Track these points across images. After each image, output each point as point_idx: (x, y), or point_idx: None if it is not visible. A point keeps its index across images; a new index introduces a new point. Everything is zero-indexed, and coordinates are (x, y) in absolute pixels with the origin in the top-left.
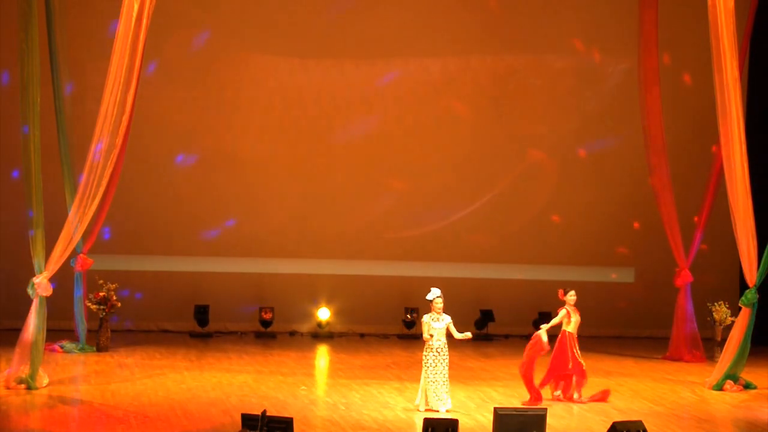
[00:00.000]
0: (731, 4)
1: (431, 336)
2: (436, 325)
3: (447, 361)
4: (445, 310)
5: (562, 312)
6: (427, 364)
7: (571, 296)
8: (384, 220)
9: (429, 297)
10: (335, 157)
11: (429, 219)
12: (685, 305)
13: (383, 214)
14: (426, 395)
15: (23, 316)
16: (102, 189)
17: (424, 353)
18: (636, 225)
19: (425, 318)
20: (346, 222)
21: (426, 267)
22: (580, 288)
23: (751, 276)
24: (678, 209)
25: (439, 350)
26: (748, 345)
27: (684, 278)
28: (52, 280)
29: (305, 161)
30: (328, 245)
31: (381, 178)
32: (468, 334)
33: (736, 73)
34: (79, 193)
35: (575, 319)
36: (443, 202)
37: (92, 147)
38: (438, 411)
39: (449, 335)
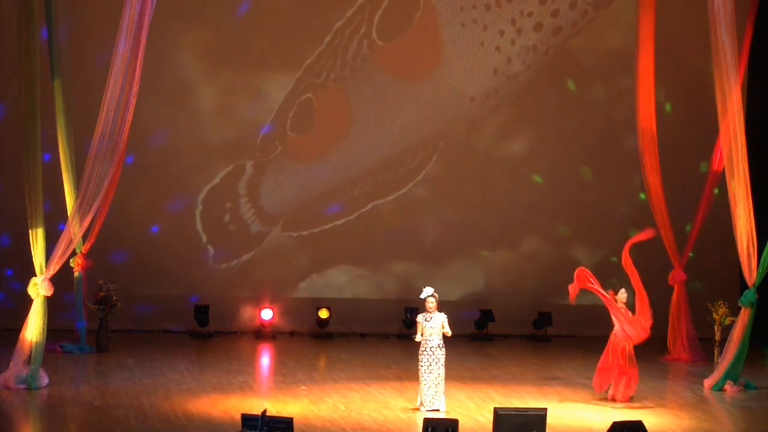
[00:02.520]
0: (730, 4)
1: (422, 336)
2: (429, 324)
3: (442, 361)
4: (446, 310)
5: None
6: (422, 365)
7: (622, 294)
8: (384, 220)
9: (422, 296)
10: (334, 156)
11: (428, 218)
12: (679, 304)
13: (383, 214)
14: (421, 395)
15: (23, 316)
16: (103, 189)
17: (419, 354)
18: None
19: (419, 318)
20: (345, 222)
21: (426, 267)
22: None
23: (751, 276)
24: (675, 209)
25: (432, 350)
26: (747, 345)
27: (677, 277)
28: (52, 280)
29: (304, 161)
30: (328, 245)
31: (399, 183)
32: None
33: (737, 73)
34: (80, 193)
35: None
36: (443, 202)
37: (93, 148)
38: (438, 410)
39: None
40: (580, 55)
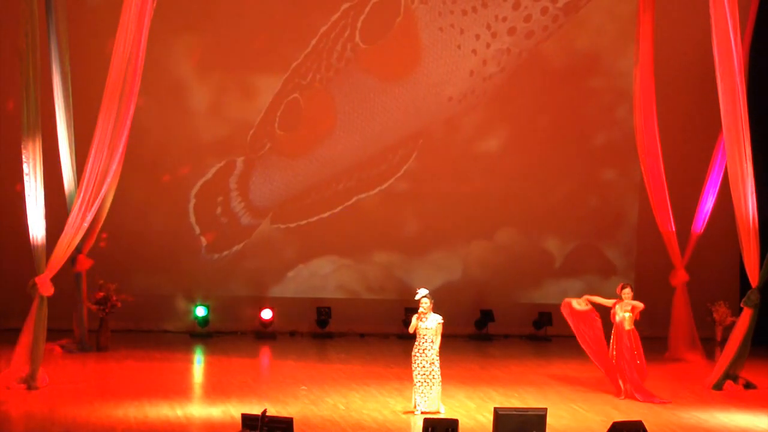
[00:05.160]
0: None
1: (414, 331)
2: (422, 324)
3: (434, 361)
4: (447, 311)
5: (609, 301)
6: (414, 364)
7: (625, 293)
8: (366, 213)
9: (416, 297)
10: (320, 153)
11: (409, 212)
12: (681, 304)
13: (366, 207)
14: (414, 396)
15: (23, 316)
16: (103, 190)
17: (413, 354)
18: (636, 225)
19: (414, 317)
20: (330, 215)
21: (406, 257)
22: (581, 289)
23: (754, 276)
24: (675, 209)
25: (425, 351)
26: (749, 345)
27: (679, 278)
28: (52, 280)
29: (292, 157)
30: (314, 237)
31: (381, 178)
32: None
33: (741, 69)
34: (80, 193)
35: (621, 316)
36: (422, 196)
37: (93, 148)
38: (438, 412)
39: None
40: (552, 58)
